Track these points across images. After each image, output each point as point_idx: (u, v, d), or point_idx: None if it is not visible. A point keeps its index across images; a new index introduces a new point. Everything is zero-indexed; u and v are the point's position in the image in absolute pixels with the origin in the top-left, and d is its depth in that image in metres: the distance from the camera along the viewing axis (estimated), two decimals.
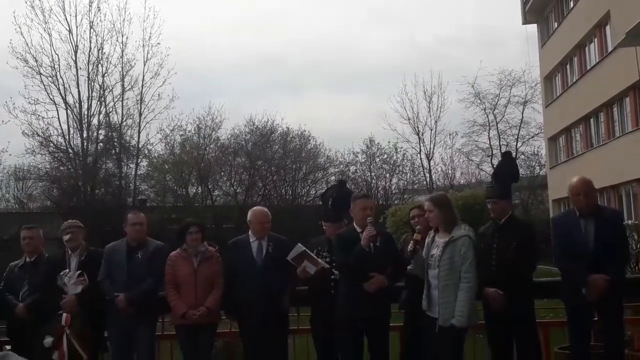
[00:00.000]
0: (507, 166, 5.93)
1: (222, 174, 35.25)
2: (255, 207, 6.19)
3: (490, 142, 37.97)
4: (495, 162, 29.26)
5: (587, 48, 24.83)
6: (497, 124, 37.90)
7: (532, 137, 37.74)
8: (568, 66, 27.17)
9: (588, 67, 24.38)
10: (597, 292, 5.02)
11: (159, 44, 34.15)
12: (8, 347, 6.08)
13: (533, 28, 31.61)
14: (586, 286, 5.07)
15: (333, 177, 36.15)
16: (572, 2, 26.09)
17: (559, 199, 27.68)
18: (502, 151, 30.27)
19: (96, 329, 5.86)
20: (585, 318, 5.26)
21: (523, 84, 37.46)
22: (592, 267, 5.07)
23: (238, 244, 6.00)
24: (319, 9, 61.43)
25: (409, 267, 5.55)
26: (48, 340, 5.60)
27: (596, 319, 5.35)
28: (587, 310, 5.21)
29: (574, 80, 26.04)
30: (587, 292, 5.08)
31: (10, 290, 6.06)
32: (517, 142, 37.72)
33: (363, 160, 37.32)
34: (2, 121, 28.04)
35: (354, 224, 5.52)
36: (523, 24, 31.76)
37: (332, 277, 5.59)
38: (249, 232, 5.96)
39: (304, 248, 5.66)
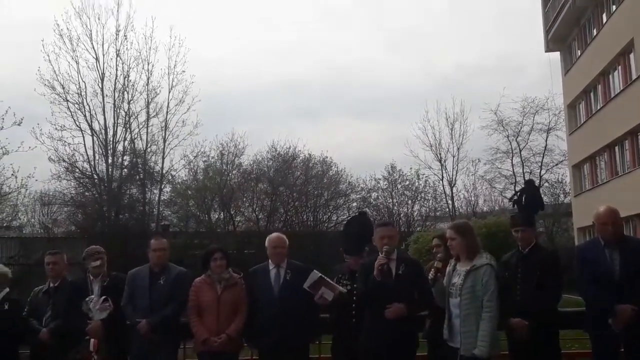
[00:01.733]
0: (529, 193, 5.90)
1: (245, 199, 35.36)
2: (271, 234, 6.21)
3: (513, 170, 37.72)
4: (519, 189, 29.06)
5: (611, 76, 24.70)
6: (520, 151, 37.68)
7: (556, 164, 37.43)
8: (592, 94, 27.02)
9: (612, 95, 24.22)
10: (624, 322, 4.94)
11: (183, 71, 34.49)
12: None
13: (556, 55, 31.57)
14: (613, 315, 5.00)
15: (355, 204, 36.11)
16: (595, 30, 26.04)
17: (584, 227, 27.34)
18: (525, 179, 30.22)
19: (119, 354, 5.89)
20: (610, 348, 5.17)
21: (546, 111, 37.28)
22: (618, 297, 5.01)
23: (258, 271, 6.02)
24: (340, 36, 61.93)
25: None
26: None
27: (622, 350, 5.25)
28: (612, 341, 5.13)
29: (598, 107, 25.87)
30: (614, 321, 5.00)
31: (34, 315, 6.12)
32: (540, 169, 37.46)
33: (385, 187, 37.28)
34: (29, 147, 28.30)
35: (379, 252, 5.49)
36: (546, 51, 31.73)
37: (354, 305, 5.56)
38: (269, 260, 5.98)
39: (320, 274, 5.63)
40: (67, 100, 32.27)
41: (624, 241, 5.30)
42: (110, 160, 33.10)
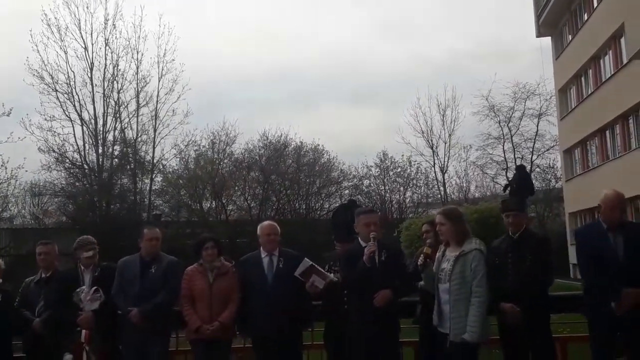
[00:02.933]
0: (520, 179, 5.91)
1: (236, 188, 35.32)
2: (263, 222, 6.20)
3: (505, 155, 37.78)
4: (511, 175, 29.16)
5: (601, 60, 24.71)
6: (511, 136, 37.74)
7: (548, 149, 37.51)
8: (583, 78, 27.04)
9: (603, 79, 24.24)
10: (628, 306, 4.93)
11: (173, 60, 34.41)
12: None
13: (547, 41, 31.53)
14: (617, 300, 4.98)
15: (347, 191, 36.18)
16: (586, 15, 26.02)
17: (575, 212, 27.50)
18: (517, 164, 30.30)
19: (111, 344, 5.88)
20: (607, 333, 5.16)
21: (538, 96, 37.31)
22: (622, 281, 4.99)
23: (250, 260, 6.02)
24: (332, 23, 61.76)
25: (420, 283, 5.52)
26: (67, 358, 5.66)
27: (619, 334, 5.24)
28: (609, 325, 5.11)
29: (589, 92, 25.90)
30: (617, 305, 4.99)
31: (26, 305, 6.10)
32: (532, 154, 37.54)
33: (377, 174, 37.35)
34: (19, 138, 28.20)
35: (359, 239, 5.51)
36: (537, 36, 31.66)
37: (345, 292, 5.57)
38: (261, 248, 5.97)
39: (311, 263, 5.66)
40: (56, 90, 32.25)
41: (626, 225, 5.29)
42: (100, 150, 33.07)
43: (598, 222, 5.40)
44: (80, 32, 32.97)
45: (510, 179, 22.41)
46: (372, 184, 37.34)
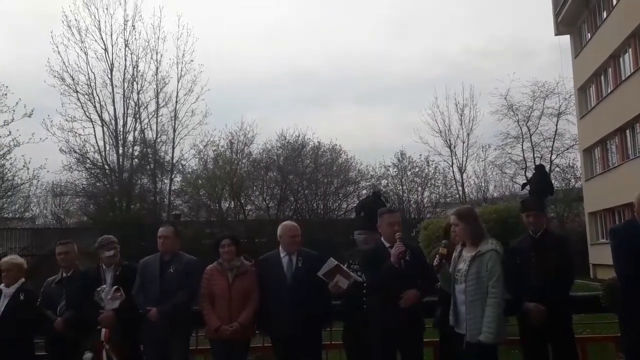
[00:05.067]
0: (540, 179, 5.88)
1: (255, 188, 35.41)
2: (285, 222, 6.23)
3: (524, 155, 37.41)
4: (530, 174, 28.93)
5: (621, 58, 24.46)
6: (530, 136, 37.37)
7: (567, 149, 37.08)
8: (602, 77, 26.78)
9: (623, 78, 24.00)
10: None
11: (192, 61, 34.58)
12: None
13: (566, 39, 31.26)
14: None
15: (364, 191, 35.96)
16: (605, 13, 25.77)
17: (595, 211, 27.21)
18: (536, 164, 30.05)
19: (132, 343, 5.96)
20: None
21: (557, 95, 36.89)
22: None
23: (269, 259, 6.05)
24: (348, 23, 61.71)
25: (439, 284, 5.51)
26: (88, 356, 5.71)
27: None
28: None
29: (609, 91, 25.65)
30: None
31: (48, 305, 6.19)
32: (551, 154, 37.14)
33: (394, 174, 37.15)
34: (40, 139, 28.60)
35: (382, 239, 5.52)
36: (556, 35, 31.42)
37: (364, 291, 5.59)
38: (280, 248, 6.01)
39: (337, 262, 5.66)
40: (77, 92, 32.53)
41: None
42: (120, 151, 33.31)
43: (635, 220, 5.31)
44: (100, 34, 33.29)
45: (529, 178, 22.26)
46: (389, 184, 37.17)
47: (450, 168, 37.77)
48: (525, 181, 23.08)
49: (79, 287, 6.10)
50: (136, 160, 34.09)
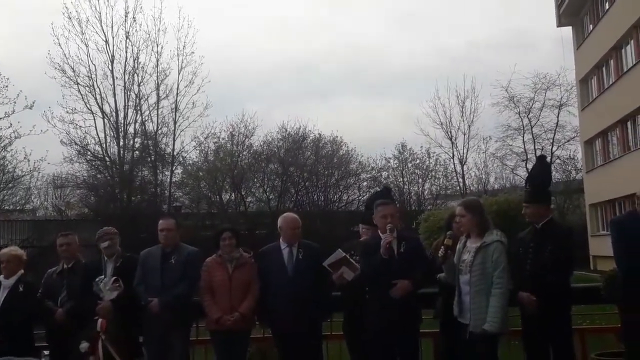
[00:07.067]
0: (541, 170, 5.85)
1: (255, 180, 35.43)
2: (285, 214, 6.23)
3: (524, 147, 37.33)
4: (530, 166, 28.88)
5: (623, 50, 24.40)
6: (531, 127, 37.27)
7: (568, 141, 37.00)
8: (604, 69, 26.72)
9: (624, 70, 23.96)
10: None
11: (193, 52, 34.43)
12: (46, 352, 6.22)
13: (568, 30, 31.15)
14: None
15: (365, 183, 36.10)
16: (607, 4, 25.68)
17: (595, 203, 27.23)
18: (537, 155, 30.01)
19: (131, 335, 5.97)
20: None
21: (558, 87, 36.74)
22: None
23: (269, 251, 6.05)
24: (349, 15, 61.45)
25: (439, 275, 5.51)
26: (84, 346, 5.68)
27: None
28: None
29: (610, 82, 25.60)
30: None
31: (49, 296, 6.20)
32: (552, 146, 37.05)
33: (395, 166, 37.16)
34: (41, 130, 28.59)
35: (379, 231, 5.53)
36: (558, 26, 31.31)
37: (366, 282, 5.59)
38: (280, 240, 6.01)
39: (344, 254, 5.66)
40: (78, 84, 32.46)
41: None
42: (121, 143, 33.31)
43: (636, 212, 5.35)
44: (101, 25, 33.19)
45: (529, 170, 22.25)
46: (390, 176, 37.19)
47: (451, 160, 37.71)
48: (526, 174, 23.08)
49: (80, 278, 6.10)
50: (137, 152, 34.09)
